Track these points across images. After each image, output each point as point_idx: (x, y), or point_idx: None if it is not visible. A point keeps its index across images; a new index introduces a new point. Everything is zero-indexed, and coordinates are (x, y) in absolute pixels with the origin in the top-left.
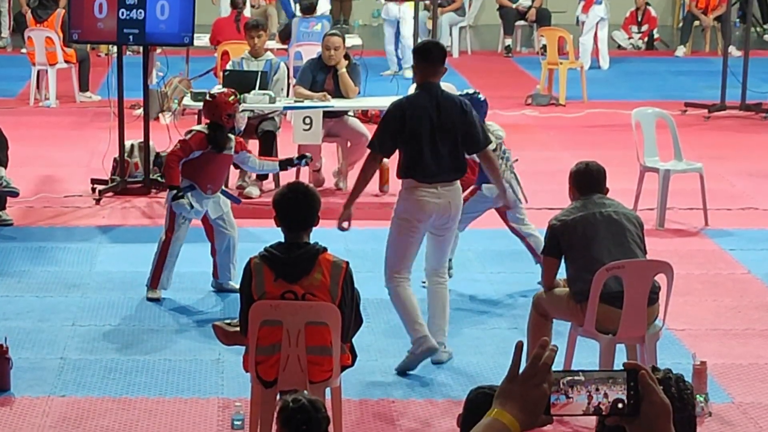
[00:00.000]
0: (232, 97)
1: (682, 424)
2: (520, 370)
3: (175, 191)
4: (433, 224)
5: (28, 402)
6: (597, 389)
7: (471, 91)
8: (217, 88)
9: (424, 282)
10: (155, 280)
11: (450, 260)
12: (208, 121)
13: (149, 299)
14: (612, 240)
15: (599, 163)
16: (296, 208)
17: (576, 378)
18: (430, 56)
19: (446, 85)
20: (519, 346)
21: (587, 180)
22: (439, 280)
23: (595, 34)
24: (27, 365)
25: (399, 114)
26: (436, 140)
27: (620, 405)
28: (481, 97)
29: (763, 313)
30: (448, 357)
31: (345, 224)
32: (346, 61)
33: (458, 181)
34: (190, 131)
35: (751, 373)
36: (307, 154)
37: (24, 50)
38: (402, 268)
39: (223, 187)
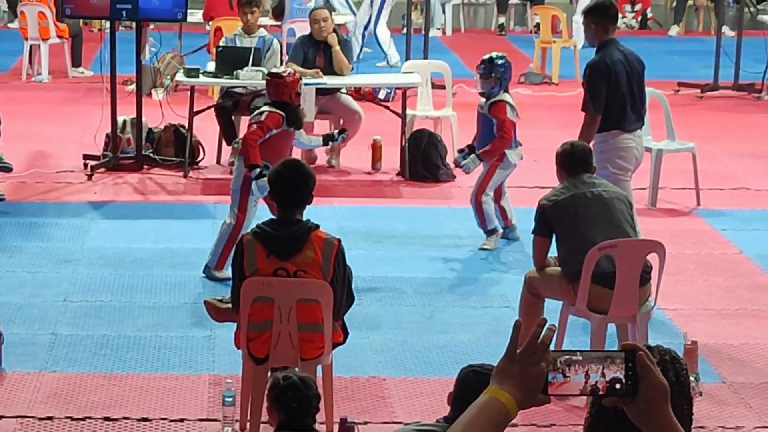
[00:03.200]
0: (293, 77)
1: (680, 407)
2: (518, 350)
3: (258, 170)
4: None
5: (19, 377)
6: (594, 369)
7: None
8: (280, 68)
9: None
10: (221, 262)
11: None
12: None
13: (218, 279)
14: (603, 219)
15: (584, 143)
16: (291, 185)
17: (574, 358)
18: (609, 12)
19: (440, 64)
20: (517, 325)
21: (573, 160)
22: None
23: None
24: (18, 341)
25: (605, 72)
26: (633, 91)
27: (618, 385)
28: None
29: (754, 293)
30: None
31: None
32: (336, 36)
33: None
34: (261, 112)
35: (742, 353)
36: (345, 129)
37: (12, 24)
38: None
39: None
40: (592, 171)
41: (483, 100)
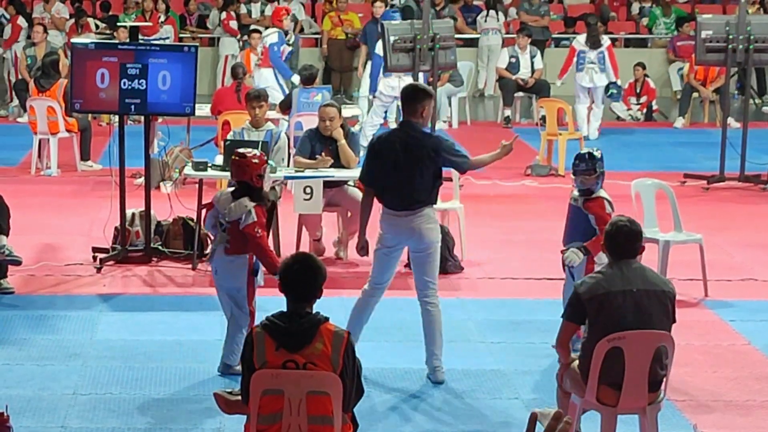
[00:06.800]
0: (258, 158)
1: None
2: None
3: None
4: (410, 247)
5: None
6: None
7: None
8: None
9: None
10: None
11: None
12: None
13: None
14: (635, 327)
15: (634, 222)
16: (301, 279)
17: None
18: (406, 96)
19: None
20: (533, 418)
21: (617, 243)
22: (427, 301)
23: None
24: None
25: (371, 148)
26: (400, 173)
27: None
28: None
29: (763, 384)
30: (443, 376)
31: (362, 251)
32: (343, 130)
33: (426, 209)
34: (249, 212)
35: None
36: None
37: (21, 119)
38: (372, 282)
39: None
40: (641, 252)
41: (576, 193)
